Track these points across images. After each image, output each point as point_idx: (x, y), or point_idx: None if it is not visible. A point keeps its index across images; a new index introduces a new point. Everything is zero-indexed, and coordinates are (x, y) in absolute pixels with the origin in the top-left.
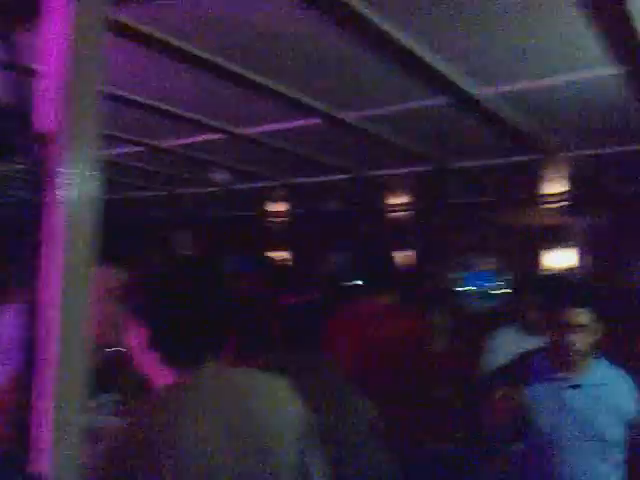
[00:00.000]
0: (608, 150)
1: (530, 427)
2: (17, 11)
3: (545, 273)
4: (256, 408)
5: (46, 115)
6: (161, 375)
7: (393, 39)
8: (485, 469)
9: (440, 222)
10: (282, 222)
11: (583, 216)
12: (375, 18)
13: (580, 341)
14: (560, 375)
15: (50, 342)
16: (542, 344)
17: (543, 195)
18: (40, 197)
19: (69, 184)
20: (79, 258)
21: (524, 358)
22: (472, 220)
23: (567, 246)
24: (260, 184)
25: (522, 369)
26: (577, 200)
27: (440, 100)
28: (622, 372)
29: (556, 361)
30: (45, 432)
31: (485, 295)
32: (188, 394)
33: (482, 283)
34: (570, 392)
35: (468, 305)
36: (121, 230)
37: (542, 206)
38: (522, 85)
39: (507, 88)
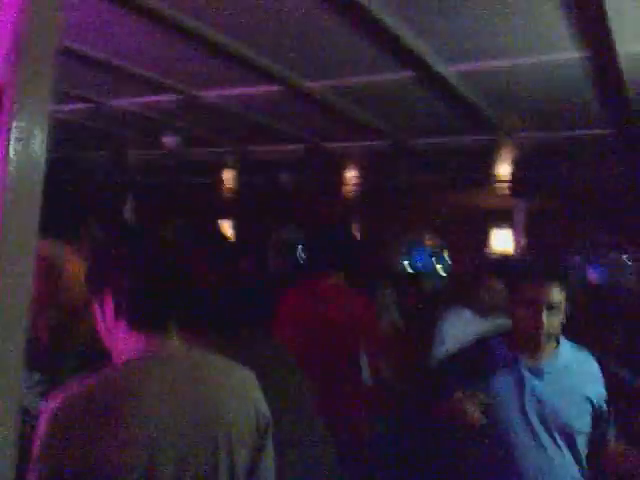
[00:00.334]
0: (563, 134)
1: (489, 421)
2: None
3: (500, 253)
4: (218, 397)
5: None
6: (124, 346)
7: (363, 8)
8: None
9: (391, 200)
10: (230, 191)
11: (532, 199)
12: None
13: (551, 321)
14: (522, 362)
15: None
16: (497, 328)
17: (496, 176)
18: None
19: (18, 138)
20: (23, 216)
21: (480, 343)
22: (424, 199)
23: (515, 227)
24: (211, 150)
25: (479, 356)
26: (527, 182)
27: (405, 74)
28: (586, 353)
29: (518, 346)
30: None
31: (435, 275)
32: (153, 368)
33: (430, 263)
34: (534, 380)
35: (417, 285)
36: (65, 191)
37: (494, 187)
38: (486, 64)
39: (471, 67)
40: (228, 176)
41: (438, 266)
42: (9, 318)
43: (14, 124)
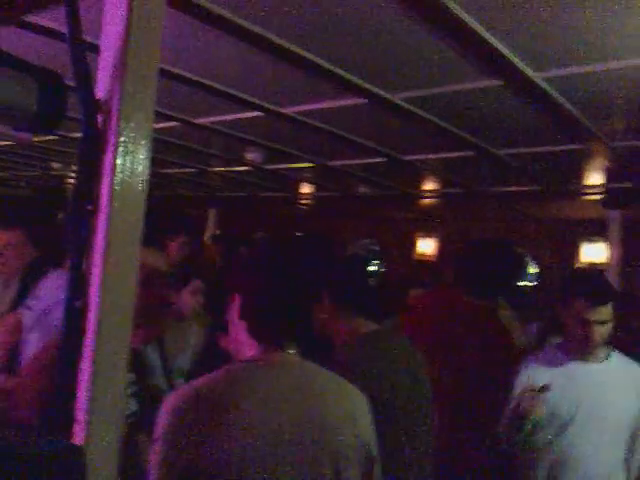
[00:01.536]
0: None
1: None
2: None
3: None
4: (325, 417)
5: (105, 87)
6: (246, 345)
7: (449, 15)
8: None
9: (474, 211)
10: (312, 204)
11: (627, 209)
12: None
13: (601, 334)
14: (576, 364)
15: (92, 314)
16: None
17: (589, 186)
18: (94, 166)
19: (124, 153)
20: (128, 229)
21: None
22: (511, 210)
23: (609, 239)
24: (295, 165)
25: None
26: (622, 192)
27: (493, 83)
28: (632, 361)
29: (574, 351)
30: (84, 404)
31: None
32: (265, 375)
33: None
34: (587, 381)
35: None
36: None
37: (587, 197)
38: (579, 69)
39: (563, 72)
40: (309, 190)
41: (523, 280)
42: (115, 321)
43: (120, 138)
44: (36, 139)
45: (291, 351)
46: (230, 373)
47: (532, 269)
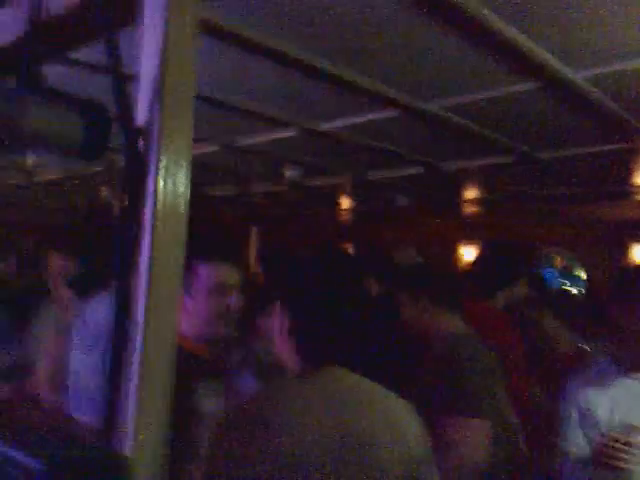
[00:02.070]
0: None
1: None
2: (116, 18)
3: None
4: (369, 431)
5: (145, 114)
6: (290, 362)
7: (477, 21)
8: None
9: (517, 217)
10: (354, 218)
11: None
12: None
13: None
14: (638, 377)
15: (138, 330)
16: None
17: (633, 186)
18: (137, 189)
19: (164, 176)
20: (170, 248)
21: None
22: (555, 214)
23: None
24: (332, 180)
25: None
26: None
27: (528, 86)
28: None
29: (636, 360)
30: (129, 415)
31: (566, 297)
32: (309, 391)
33: (560, 282)
34: None
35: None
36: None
37: (634, 198)
38: (617, 66)
39: (603, 70)
40: (348, 203)
41: (570, 286)
42: (160, 339)
43: (161, 162)
44: (84, 168)
45: (334, 366)
46: (275, 390)
47: (580, 273)
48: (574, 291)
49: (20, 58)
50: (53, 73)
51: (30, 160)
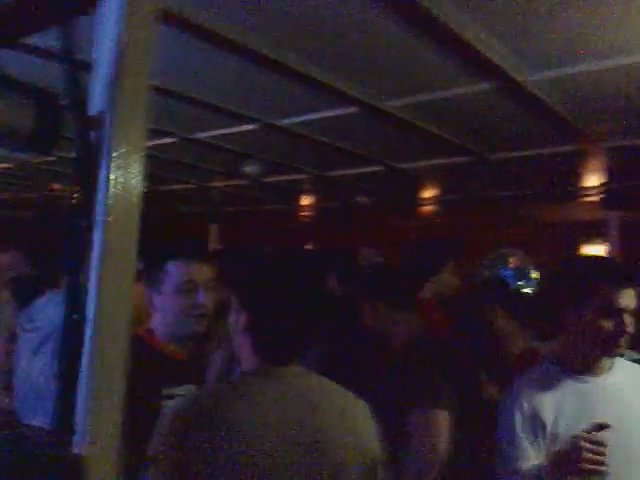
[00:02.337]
0: None
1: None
2: (73, 4)
3: None
4: (327, 430)
5: (98, 104)
6: (248, 359)
7: (439, 20)
8: None
9: (473, 217)
10: (312, 215)
11: (626, 210)
12: None
13: (631, 325)
14: (581, 378)
15: (89, 327)
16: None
17: (584, 188)
18: (88, 182)
19: (117, 168)
20: (122, 242)
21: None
22: (508, 215)
23: (608, 241)
24: (291, 177)
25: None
26: (619, 193)
27: (484, 86)
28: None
29: (578, 363)
30: (81, 415)
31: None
32: (267, 389)
33: (515, 282)
34: (595, 400)
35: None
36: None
37: (583, 199)
38: (570, 70)
39: (554, 74)
40: (308, 201)
41: (524, 286)
42: (112, 334)
43: (113, 154)
44: (35, 160)
45: (293, 365)
46: (229, 386)
47: (533, 274)
48: (528, 291)
49: None
50: (3, 58)
51: None
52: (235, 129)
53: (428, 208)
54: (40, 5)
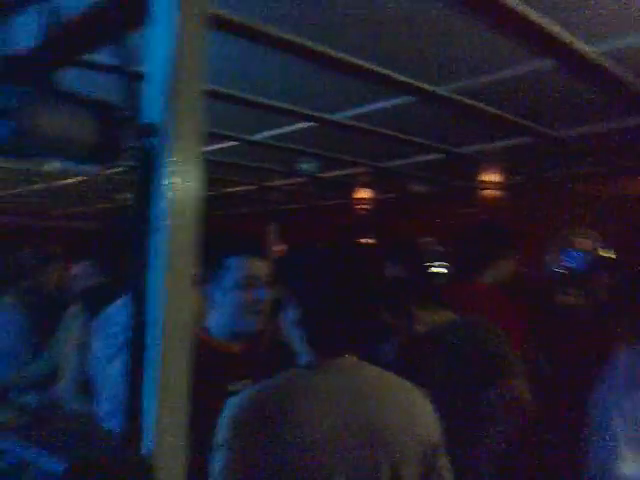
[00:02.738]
0: None
1: None
2: (125, 17)
3: None
4: (387, 420)
5: (154, 112)
6: (302, 353)
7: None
8: None
9: (540, 198)
10: (371, 208)
11: None
12: None
13: None
14: None
15: (153, 329)
16: None
17: None
18: (147, 189)
19: (174, 175)
20: (182, 246)
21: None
22: (579, 194)
23: None
24: (348, 171)
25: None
26: None
27: (543, 63)
28: None
29: None
30: (149, 418)
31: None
32: (321, 382)
33: (586, 265)
34: None
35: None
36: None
37: None
38: (633, 40)
39: (620, 44)
40: (366, 194)
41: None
42: (176, 334)
43: (171, 160)
44: (101, 172)
45: (348, 356)
46: (287, 380)
47: (608, 254)
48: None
49: (37, 63)
50: (64, 75)
51: (48, 165)
52: (290, 128)
53: (491, 193)
54: (99, 22)
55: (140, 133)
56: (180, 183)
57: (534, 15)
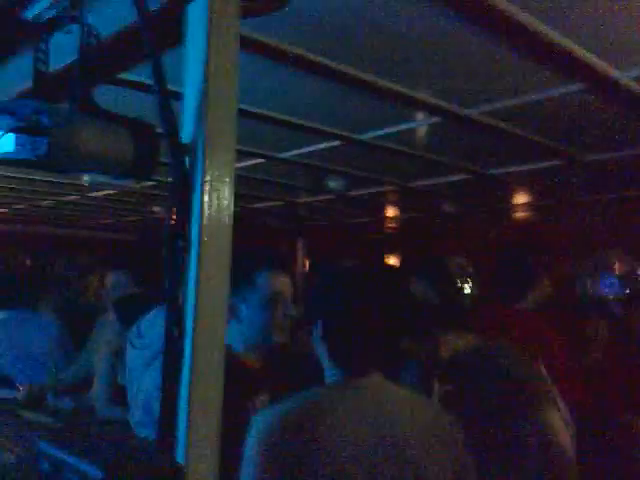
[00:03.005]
0: None
1: None
2: (163, 39)
3: None
4: (412, 439)
5: (189, 130)
6: (329, 370)
7: (519, 23)
8: None
9: (569, 221)
10: (397, 227)
11: None
12: (496, 1)
13: None
14: None
15: (188, 341)
16: None
17: None
18: (183, 205)
19: (209, 191)
20: (216, 261)
21: None
22: (609, 217)
23: None
24: (375, 189)
25: None
26: None
27: (574, 87)
28: None
29: None
30: (183, 426)
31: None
32: (345, 401)
33: (620, 289)
34: None
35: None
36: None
37: None
38: None
39: None
40: (393, 213)
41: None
42: (209, 346)
43: (206, 178)
44: (136, 185)
45: (373, 375)
46: (315, 398)
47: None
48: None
49: (73, 82)
50: (100, 92)
51: (84, 178)
52: (318, 146)
53: (519, 214)
54: (134, 41)
55: (176, 151)
56: (215, 200)
57: (563, 40)
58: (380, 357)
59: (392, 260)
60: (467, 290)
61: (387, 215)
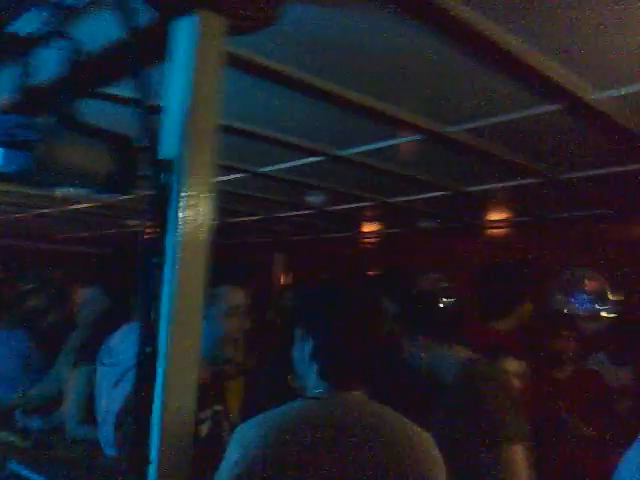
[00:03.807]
0: None
1: None
2: (145, 52)
3: None
4: (393, 455)
5: (169, 146)
6: (314, 386)
7: (497, 43)
8: None
9: (545, 239)
10: (376, 242)
11: None
12: (476, 21)
13: None
14: None
15: (161, 359)
16: None
17: None
18: (160, 220)
19: (187, 207)
20: (192, 278)
21: None
22: (582, 236)
23: None
24: (354, 205)
25: None
26: None
27: (549, 108)
28: None
29: None
30: (156, 444)
31: (595, 320)
32: (331, 415)
33: (591, 306)
34: None
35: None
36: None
37: None
38: (634, 88)
39: (622, 91)
40: (372, 228)
41: (600, 309)
42: (182, 365)
43: (183, 193)
44: (113, 199)
45: (357, 392)
46: (296, 410)
47: (613, 296)
48: (606, 315)
49: (58, 95)
50: (82, 107)
51: (60, 192)
52: (299, 162)
53: (495, 231)
54: (120, 56)
55: (155, 166)
56: (192, 217)
57: (541, 60)
58: (366, 373)
59: (370, 275)
60: (440, 305)
61: (366, 230)
